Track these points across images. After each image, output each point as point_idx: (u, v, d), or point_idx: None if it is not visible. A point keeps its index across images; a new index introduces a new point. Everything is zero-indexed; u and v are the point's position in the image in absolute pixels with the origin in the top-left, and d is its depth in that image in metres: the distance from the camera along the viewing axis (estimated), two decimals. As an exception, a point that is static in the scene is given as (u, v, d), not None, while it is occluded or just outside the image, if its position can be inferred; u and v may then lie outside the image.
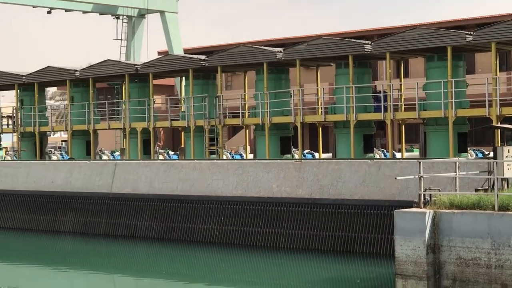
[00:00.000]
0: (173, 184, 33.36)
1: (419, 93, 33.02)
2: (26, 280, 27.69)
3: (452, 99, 31.10)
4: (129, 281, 27.36)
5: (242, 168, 31.86)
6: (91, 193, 36.11)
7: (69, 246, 35.87)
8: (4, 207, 39.33)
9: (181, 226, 32.34)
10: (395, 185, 25.33)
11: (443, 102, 31.43)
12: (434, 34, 32.69)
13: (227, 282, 25.89)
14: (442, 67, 32.10)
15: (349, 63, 33.77)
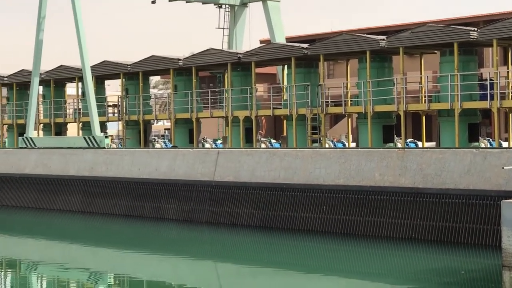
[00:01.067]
0: (275, 172, 33.45)
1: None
2: (131, 266, 28.21)
3: None
4: (231, 268, 27.39)
5: (345, 156, 31.76)
6: (194, 181, 36.53)
7: (172, 233, 36.39)
8: (110, 194, 40.23)
9: (283, 214, 32.42)
10: (502, 175, 24.84)
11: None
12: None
13: (329, 271, 25.71)
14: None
15: (454, 50, 33.15)
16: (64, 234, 37.00)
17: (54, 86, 51.70)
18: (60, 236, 36.37)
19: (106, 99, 51.46)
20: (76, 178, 42.47)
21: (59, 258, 30.74)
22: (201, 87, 47.83)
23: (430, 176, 28.36)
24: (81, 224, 40.38)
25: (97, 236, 36.34)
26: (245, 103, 40.91)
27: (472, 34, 32.80)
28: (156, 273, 26.67)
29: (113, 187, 40.42)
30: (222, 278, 25.82)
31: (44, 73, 50.07)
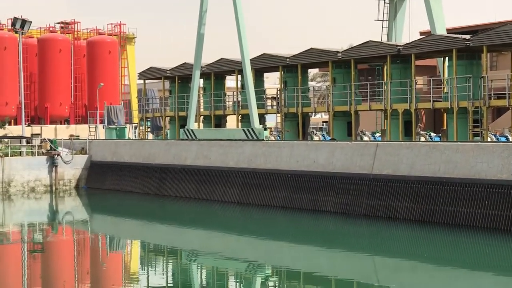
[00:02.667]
0: (435, 166, 32.94)
1: None
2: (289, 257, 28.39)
3: None
4: (389, 262, 27.17)
5: (508, 150, 30.89)
6: (352, 174, 36.48)
7: (330, 226, 36.40)
8: (268, 186, 40.66)
9: (443, 209, 31.88)
10: None
11: None
12: None
13: (490, 269, 25.28)
14: None
15: None
16: (223, 225, 37.86)
17: (214, 79, 52.82)
18: (219, 227, 37.13)
19: (265, 91, 52.12)
20: (235, 170, 43.19)
21: (218, 248, 31.31)
22: (360, 80, 47.61)
23: None
24: (240, 215, 41.26)
25: (256, 227, 37.00)
26: (405, 96, 40.54)
27: None
28: (313, 265, 26.79)
29: (271, 179, 40.82)
30: (380, 272, 25.66)
31: (205, 66, 51.24)
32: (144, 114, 61.41)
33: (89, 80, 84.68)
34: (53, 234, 36.20)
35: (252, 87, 46.10)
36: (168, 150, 49.19)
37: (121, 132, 57.90)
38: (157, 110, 59.11)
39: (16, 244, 33.03)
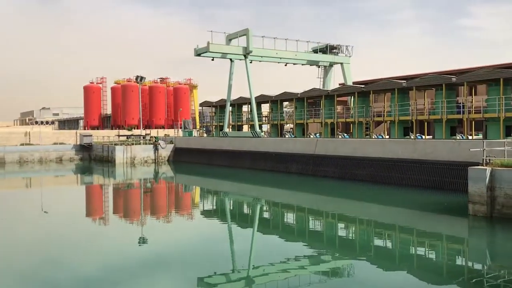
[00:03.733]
0: (347, 150, 32.95)
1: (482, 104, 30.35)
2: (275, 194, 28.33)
3: (502, 107, 28.27)
4: (323, 198, 26.59)
5: (382, 142, 30.95)
6: (305, 154, 36.45)
7: (294, 179, 34.21)
8: (263, 160, 40.41)
9: (352, 172, 31.91)
10: (469, 153, 23.55)
11: (497, 109, 28.64)
12: (495, 71, 29.80)
13: (377, 202, 24.70)
14: (497, 89, 29.21)
15: (443, 88, 31.60)
16: (240, 178, 37.25)
17: (237, 106, 52.79)
18: (240, 179, 36.78)
19: (262, 113, 52.06)
20: (247, 151, 43.18)
21: (239, 190, 31.24)
22: (309, 107, 47.45)
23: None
24: (250, 174, 39.88)
25: (256, 179, 35.85)
26: (331, 115, 40.43)
27: (453, 79, 31.14)
28: (296, 200, 26.44)
29: (264, 156, 40.53)
30: (320, 203, 25.47)
31: (232, 100, 51.11)
32: (202, 124, 61.72)
33: (174, 106, 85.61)
34: (155, 183, 36.39)
35: (255, 111, 46.23)
36: (213, 142, 49.32)
37: (190, 133, 58.03)
38: (209, 122, 59.31)
39: (137, 189, 33.19)
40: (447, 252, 15.03)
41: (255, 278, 12.03)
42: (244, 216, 21.97)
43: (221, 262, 13.29)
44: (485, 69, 32.01)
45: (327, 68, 50.74)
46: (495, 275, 12.25)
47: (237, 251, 15.02)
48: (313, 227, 19.37)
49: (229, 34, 45.96)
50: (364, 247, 15.53)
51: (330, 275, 12.32)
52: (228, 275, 12.20)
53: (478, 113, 30.74)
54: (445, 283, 11.79)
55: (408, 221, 19.40)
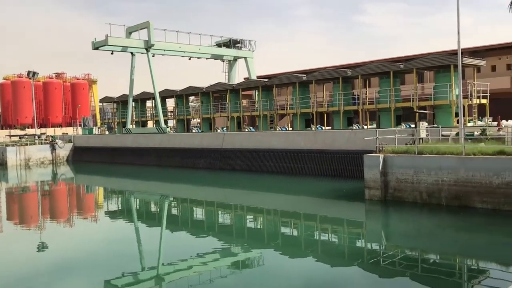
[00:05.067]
0: (252, 143, 33.56)
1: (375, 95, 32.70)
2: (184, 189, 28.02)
3: (393, 97, 30.66)
4: (233, 190, 27.03)
5: (287, 134, 31.87)
6: (210, 148, 36.60)
7: (200, 174, 34.03)
8: (169, 156, 39.81)
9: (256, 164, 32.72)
10: (364, 142, 25.20)
11: (388, 100, 31.03)
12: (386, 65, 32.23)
13: (285, 192, 25.74)
14: (388, 81, 31.56)
15: (339, 81, 33.53)
16: (146, 175, 36.60)
17: (140, 102, 51.44)
18: (146, 176, 36.05)
19: (167, 108, 51.08)
20: (153, 148, 42.26)
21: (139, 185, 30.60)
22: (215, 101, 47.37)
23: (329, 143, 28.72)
24: (157, 170, 39.53)
25: (157, 175, 35.79)
26: (237, 109, 40.97)
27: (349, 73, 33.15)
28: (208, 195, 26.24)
29: (172, 152, 39.99)
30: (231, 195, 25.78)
31: (135, 95, 49.56)
32: (103, 121, 59.22)
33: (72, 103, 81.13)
34: (54, 185, 34.31)
35: (160, 106, 45.35)
36: (116, 139, 47.59)
37: (91, 131, 55.45)
38: (110, 119, 57.03)
39: (34, 192, 31.05)
40: (348, 235, 16.04)
41: (165, 276, 11.91)
42: (151, 215, 21.54)
43: (129, 263, 12.96)
44: (377, 63, 34.37)
45: (232, 62, 51.17)
46: (390, 254, 13.34)
47: (145, 250, 14.73)
48: (222, 220, 19.56)
49: (129, 27, 44.49)
50: (272, 237, 16.02)
51: (240, 267, 12.57)
52: (136, 275, 11.94)
53: (372, 104, 32.92)
54: (347, 265, 12.60)
55: (311, 209, 20.33)
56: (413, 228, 16.22)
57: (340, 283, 11.02)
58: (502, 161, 16.40)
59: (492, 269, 11.64)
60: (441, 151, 18.30)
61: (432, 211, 17.36)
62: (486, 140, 19.77)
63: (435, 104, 29.32)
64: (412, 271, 11.59)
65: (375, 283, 10.90)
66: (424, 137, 22.07)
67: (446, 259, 12.79)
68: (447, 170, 17.59)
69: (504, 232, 14.78)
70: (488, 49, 39.00)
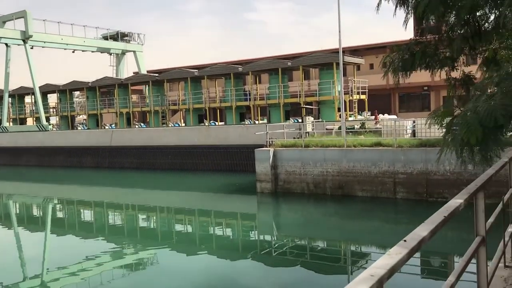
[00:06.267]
0: (133, 139, 32.81)
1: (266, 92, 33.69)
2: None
3: (282, 93, 31.83)
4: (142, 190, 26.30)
5: (179, 131, 31.61)
6: (98, 146, 35.03)
7: (87, 173, 33.53)
8: (58, 154, 37.52)
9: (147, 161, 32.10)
10: (255, 137, 25.85)
11: (277, 95, 32.14)
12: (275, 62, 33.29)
13: (190, 189, 25.46)
14: (277, 78, 32.74)
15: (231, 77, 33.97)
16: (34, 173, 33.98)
17: (18, 98, 47.27)
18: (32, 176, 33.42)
19: (48, 104, 47.62)
20: (34, 147, 39.24)
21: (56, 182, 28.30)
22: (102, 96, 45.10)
23: (222, 139, 29.01)
24: (41, 170, 37.14)
25: (46, 176, 33.61)
26: (126, 105, 39.61)
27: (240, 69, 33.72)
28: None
29: (58, 151, 37.64)
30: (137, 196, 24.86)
31: (11, 91, 45.48)
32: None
33: None
34: None
35: (40, 102, 42.14)
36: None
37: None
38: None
39: None
40: (241, 228, 16.40)
41: (50, 282, 11.17)
42: (33, 219, 20.00)
43: (10, 272, 11.93)
44: (266, 60, 35.40)
45: (120, 56, 49.20)
46: (281, 244, 13.91)
47: (28, 257, 13.66)
48: (112, 221, 18.82)
49: (3, 16, 40.67)
50: (166, 235, 15.81)
51: (133, 268, 12.23)
52: (18, 285, 11.04)
53: (262, 100, 33.91)
54: (241, 257, 12.88)
55: (205, 204, 20.43)
56: (302, 217, 17.08)
57: (236, 276, 11.25)
58: (379, 152, 17.91)
59: (372, 252, 12.70)
60: (325, 144, 19.45)
61: (319, 200, 18.41)
62: (365, 133, 21.42)
63: (319, 100, 31.01)
64: (302, 259, 12.21)
65: (268, 273, 11.29)
66: (310, 131, 23.26)
67: (332, 245, 13.68)
68: (331, 162, 18.76)
69: (381, 217, 16.19)
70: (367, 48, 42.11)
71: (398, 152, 17.52)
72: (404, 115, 34.33)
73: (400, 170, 17.47)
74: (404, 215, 16.37)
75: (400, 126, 19.97)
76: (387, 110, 37.37)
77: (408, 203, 16.95)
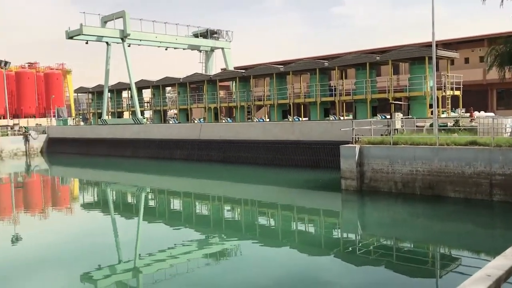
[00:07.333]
0: (230, 133, 33.54)
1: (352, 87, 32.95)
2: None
3: (369, 89, 30.94)
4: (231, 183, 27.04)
5: (264, 126, 31.85)
6: (188, 139, 36.36)
7: (178, 165, 34.13)
8: (146, 146, 39.56)
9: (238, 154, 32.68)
10: (340, 133, 25.39)
11: (364, 91, 31.30)
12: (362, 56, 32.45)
13: (267, 183, 25.85)
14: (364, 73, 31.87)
15: (316, 72, 33.62)
16: (123, 165, 36.12)
17: (116, 92, 50.67)
18: (122, 166, 35.59)
19: (143, 99, 50.43)
20: (129, 139, 41.76)
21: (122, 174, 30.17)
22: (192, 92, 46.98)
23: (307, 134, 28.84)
24: (131, 161, 39.22)
25: (133, 167, 35.53)
26: (214, 100, 40.80)
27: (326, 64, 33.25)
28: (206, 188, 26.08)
29: (149, 143, 39.67)
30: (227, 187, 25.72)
31: (110, 86, 48.83)
32: (78, 111, 58.31)
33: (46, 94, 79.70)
34: (28, 177, 33.64)
35: (136, 97, 44.74)
36: (91, 130, 46.89)
37: (65, 122, 54.44)
38: (85, 109, 56.09)
39: (7, 184, 30.39)
40: (324, 225, 16.19)
41: (142, 267, 11.81)
42: (128, 206, 21.31)
43: (106, 255, 12.79)
44: (353, 55, 34.59)
45: (209, 53, 50.75)
46: (366, 243, 13.52)
47: (122, 242, 14.57)
48: (199, 211, 19.49)
49: (104, 16, 43.64)
50: (249, 227, 16.04)
51: (218, 257, 12.56)
52: (113, 267, 11.81)
53: (348, 96, 33.19)
54: (323, 254, 12.71)
55: (288, 199, 20.43)
56: (388, 217, 16.47)
57: (317, 272, 11.12)
58: (474, 151, 16.75)
59: (463, 257, 11.92)
60: (415, 142, 18.58)
61: (407, 200, 17.65)
62: (459, 131, 20.16)
63: (410, 96, 29.70)
64: (387, 259, 11.77)
65: (351, 272, 11.03)
66: (399, 128, 22.36)
67: (419, 247, 13.04)
68: (421, 160, 17.88)
69: (474, 220, 15.14)
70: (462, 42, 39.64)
71: (496, 152, 16.27)
72: (502, 113, 31.82)
73: (497, 171, 16.22)
74: (501, 219, 15.18)
75: (498, 124, 18.52)
76: (483, 107, 34.95)
77: (506, 206, 15.69)
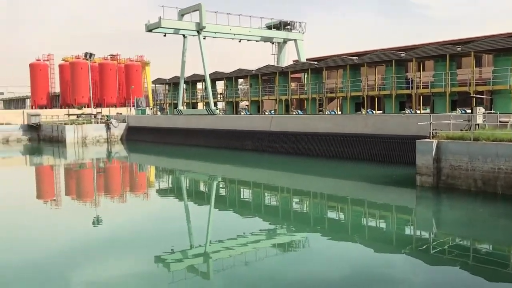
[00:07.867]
0: (300, 126, 33.41)
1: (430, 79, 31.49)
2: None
3: (448, 81, 29.44)
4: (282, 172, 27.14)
5: (336, 118, 31.46)
6: (260, 130, 36.69)
7: (248, 156, 34.58)
8: (217, 136, 40.47)
9: (304, 147, 32.57)
10: (417, 127, 24.41)
11: (443, 84, 29.82)
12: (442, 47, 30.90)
13: (321, 174, 25.59)
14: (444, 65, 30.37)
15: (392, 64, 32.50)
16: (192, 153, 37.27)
17: (191, 84, 52.17)
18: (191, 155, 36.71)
19: (217, 90, 51.58)
20: (202, 129, 42.90)
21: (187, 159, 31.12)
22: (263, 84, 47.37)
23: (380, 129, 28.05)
24: (206, 150, 40.01)
25: (206, 155, 36.33)
26: (285, 92, 40.78)
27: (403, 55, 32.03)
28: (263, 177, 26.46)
29: (219, 134, 40.59)
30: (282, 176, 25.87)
31: (186, 77, 50.43)
32: (155, 102, 60.75)
33: (126, 84, 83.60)
34: (108, 163, 35.64)
35: (210, 88, 45.82)
36: (167, 120, 48.68)
37: (143, 111, 57.01)
38: (162, 100, 58.37)
39: (90, 169, 32.40)
40: (396, 222, 15.67)
41: (212, 253, 12.12)
42: (200, 194, 21.93)
43: (178, 240, 13.28)
44: (432, 46, 33.03)
45: (281, 44, 50.73)
46: (440, 242, 12.92)
47: (194, 228, 15.04)
48: (268, 202, 19.63)
49: (182, 9, 45.00)
50: (318, 220, 15.91)
51: (286, 248, 12.59)
52: (185, 252, 12.22)
53: (425, 88, 31.80)
54: (395, 251, 12.31)
55: (359, 194, 20.00)
56: (466, 216, 15.63)
57: (386, 269, 10.80)
58: None
59: (550, 263, 11.04)
60: (498, 138, 17.44)
61: (487, 199, 16.64)
62: (549, 128, 18.64)
63: (493, 89, 27.90)
64: (463, 260, 11.18)
65: (423, 271, 10.60)
66: (480, 123, 21.09)
67: (500, 250, 12.25)
68: (505, 158, 16.77)
69: None
70: (555, 31, 36.51)
71: None
72: None
73: None
74: None
75: None
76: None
77: None
